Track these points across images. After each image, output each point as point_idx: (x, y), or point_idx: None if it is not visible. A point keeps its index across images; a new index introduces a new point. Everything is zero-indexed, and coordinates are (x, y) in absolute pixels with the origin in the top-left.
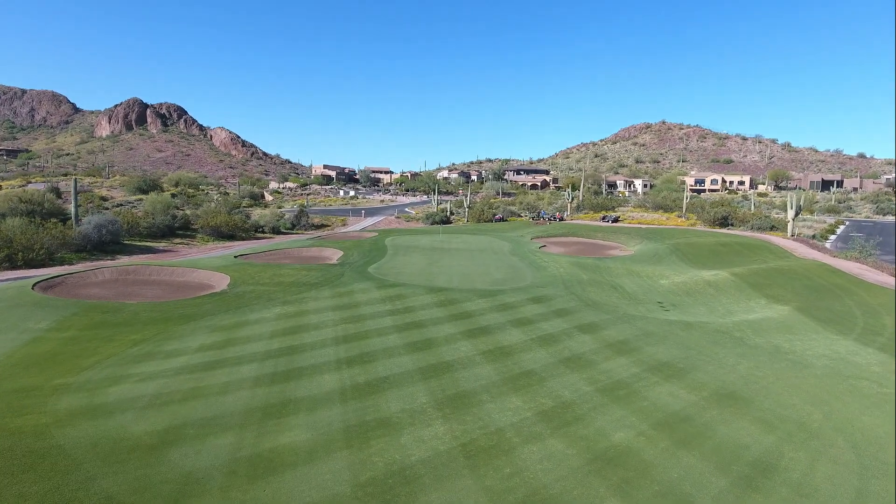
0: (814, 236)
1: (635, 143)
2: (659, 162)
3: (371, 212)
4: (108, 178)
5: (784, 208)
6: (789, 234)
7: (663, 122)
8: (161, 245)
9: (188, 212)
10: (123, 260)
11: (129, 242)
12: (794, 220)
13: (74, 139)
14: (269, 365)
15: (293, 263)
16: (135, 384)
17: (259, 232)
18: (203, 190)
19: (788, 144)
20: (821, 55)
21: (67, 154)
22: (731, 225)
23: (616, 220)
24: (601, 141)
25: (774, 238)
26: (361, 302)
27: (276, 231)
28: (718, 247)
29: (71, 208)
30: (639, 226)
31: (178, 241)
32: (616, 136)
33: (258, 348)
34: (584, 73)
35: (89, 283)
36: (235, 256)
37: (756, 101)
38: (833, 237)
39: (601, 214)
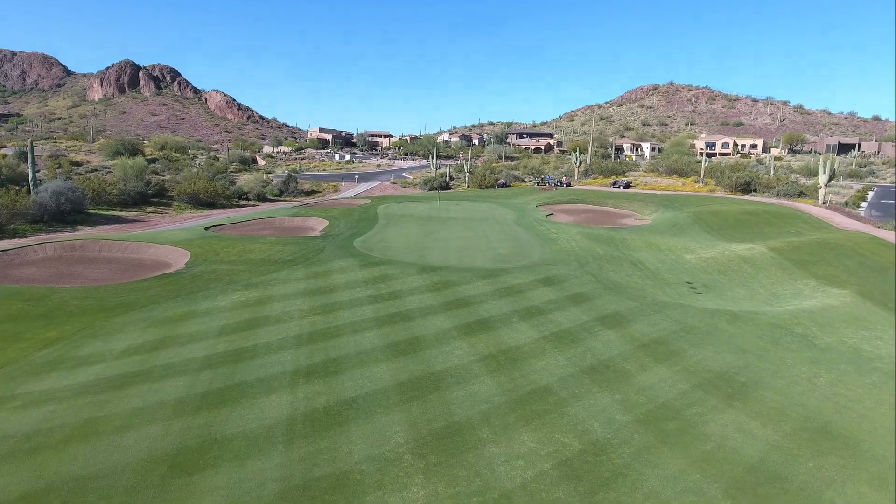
0: (846, 203)
1: (642, 106)
2: (666, 125)
3: (366, 177)
4: (93, 142)
5: (804, 173)
6: (820, 201)
7: (671, 84)
8: (131, 214)
9: (168, 177)
10: (84, 232)
11: (96, 212)
12: (826, 185)
13: (66, 103)
14: (203, 380)
15: (270, 236)
16: (11, 412)
17: (243, 199)
18: (191, 154)
19: (800, 107)
20: (834, 14)
21: (59, 118)
22: (755, 191)
23: (628, 185)
24: (607, 103)
25: (804, 206)
26: (339, 285)
27: (261, 198)
28: (745, 216)
29: (38, 175)
30: (653, 192)
31: (151, 209)
32: (622, 99)
33: (198, 352)
34: (589, 32)
35: (25, 261)
36: (206, 228)
37: (767, 62)
38: (864, 204)
39: (611, 179)
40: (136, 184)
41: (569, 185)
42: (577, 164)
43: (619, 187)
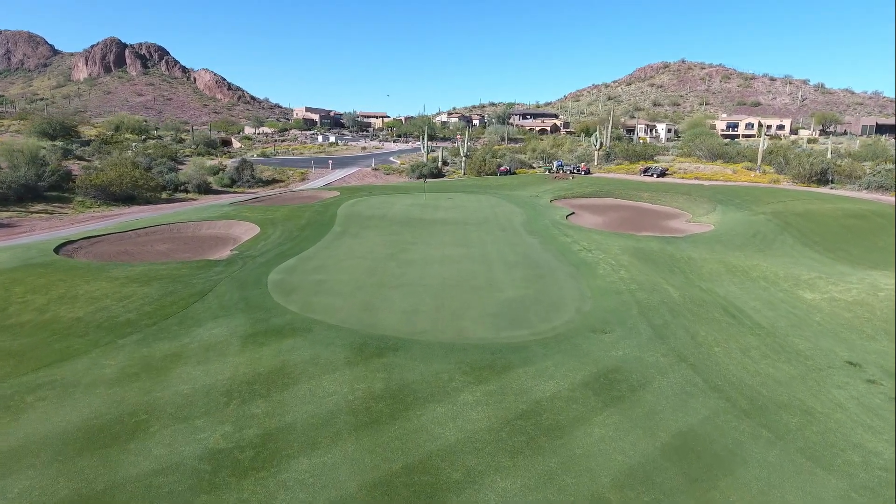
0: None
1: (652, 85)
2: (679, 105)
3: (343, 162)
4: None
5: (860, 158)
6: None
7: (683, 62)
8: (4, 216)
9: (97, 164)
10: None
11: None
12: None
13: (51, 83)
14: None
15: (144, 262)
16: None
17: (180, 192)
18: (155, 135)
19: (822, 86)
20: None
21: (42, 99)
22: (832, 182)
23: (664, 173)
24: (614, 82)
25: None
26: (169, 403)
27: (203, 190)
28: (850, 220)
29: None
30: (697, 182)
31: (40, 208)
32: (631, 77)
33: None
34: (595, 7)
35: None
36: (59, 246)
37: (785, 38)
38: None
39: (640, 166)
40: (26, 173)
41: (587, 172)
42: (597, 146)
43: (652, 176)
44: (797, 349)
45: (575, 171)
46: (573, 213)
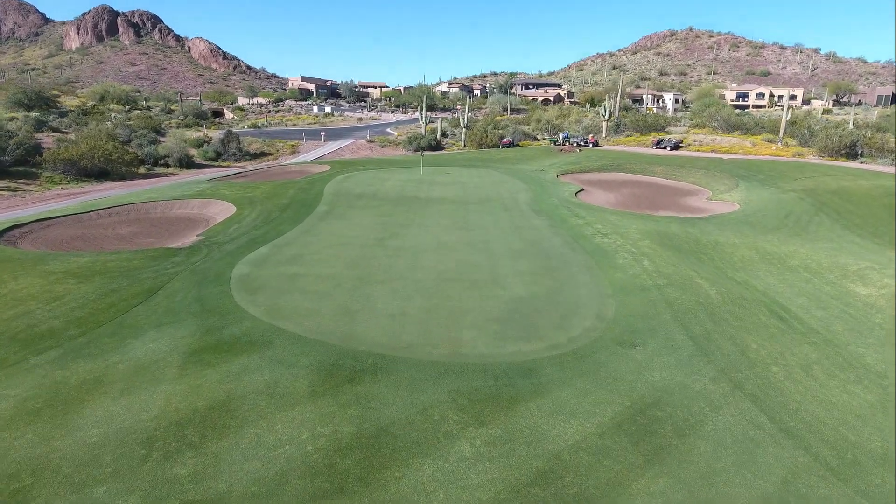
0: None
1: (658, 54)
2: (686, 74)
3: (337, 134)
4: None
5: (866, 128)
6: None
7: (690, 30)
8: None
9: (72, 137)
10: None
11: None
12: None
13: (42, 53)
14: None
15: (83, 252)
16: None
17: (160, 166)
18: (143, 106)
19: (833, 54)
20: None
21: (33, 69)
22: (862, 156)
23: (677, 146)
24: (619, 51)
25: None
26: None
27: (185, 164)
28: (892, 199)
29: None
30: (714, 155)
31: (2, 184)
32: (636, 46)
33: None
34: None
35: None
36: (7, 229)
37: (795, 6)
38: None
39: (652, 138)
40: None
41: (596, 144)
42: (605, 117)
43: (665, 148)
44: (865, 364)
45: (582, 143)
46: (582, 189)
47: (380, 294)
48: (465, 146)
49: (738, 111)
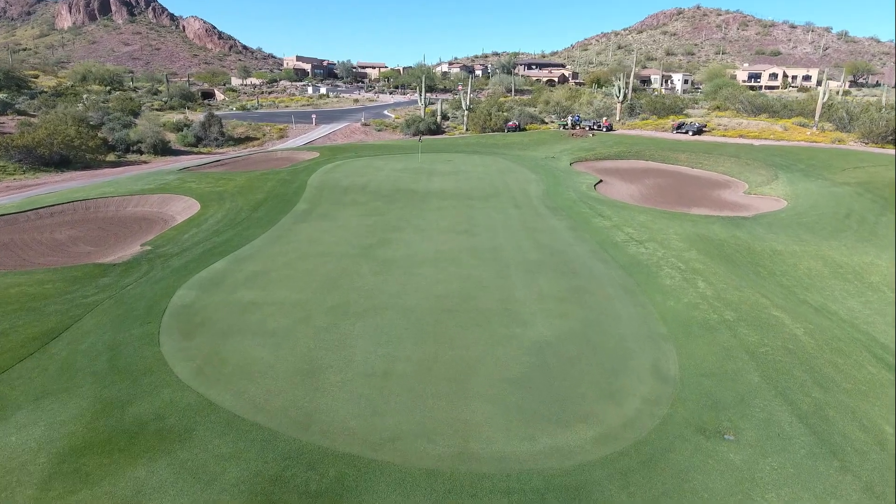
0: None
1: (665, 33)
2: (693, 54)
3: (330, 116)
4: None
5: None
6: None
7: (698, 8)
8: None
9: (19, 122)
10: None
11: None
12: None
13: (34, 32)
14: None
15: (13, 270)
16: None
17: (133, 152)
18: (129, 87)
19: (845, 34)
20: None
21: (24, 49)
22: None
23: (700, 130)
24: (624, 30)
25: None
26: None
27: (158, 150)
28: None
29: None
30: (743, 140)
31: None
32: (642, 25)
33: None
34: None
35: None
36: None
37: None
38: None
39: (671, 121)
40: None
41: (610, 128)
42: (619, 98)
43: (687, 133)
44: None
45: (595, 126)
46: (601, 180)
47: (359, 335)
48: (467, 130)
49: (751, 93)
